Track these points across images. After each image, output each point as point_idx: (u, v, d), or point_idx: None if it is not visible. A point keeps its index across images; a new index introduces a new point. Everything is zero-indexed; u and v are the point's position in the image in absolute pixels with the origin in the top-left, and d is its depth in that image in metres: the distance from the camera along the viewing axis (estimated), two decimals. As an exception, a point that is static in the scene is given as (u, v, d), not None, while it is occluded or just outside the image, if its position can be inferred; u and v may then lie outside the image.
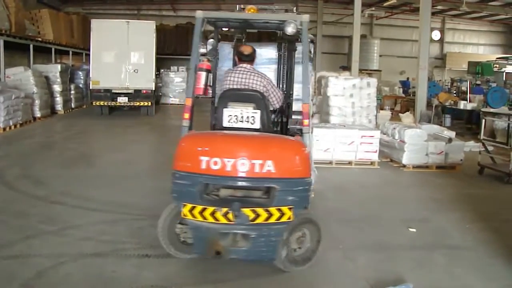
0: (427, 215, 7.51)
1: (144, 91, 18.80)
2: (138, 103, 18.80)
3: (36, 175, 9.10)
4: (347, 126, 11.51)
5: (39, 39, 20.16)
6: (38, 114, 17.02)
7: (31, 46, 19.20)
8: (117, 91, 18.62)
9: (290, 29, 5.46)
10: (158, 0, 32.74)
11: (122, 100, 18.71)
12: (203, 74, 5.71)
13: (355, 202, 8.17)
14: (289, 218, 4.96)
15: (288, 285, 4.97)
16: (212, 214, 4.92)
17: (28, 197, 7.76)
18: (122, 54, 18.62)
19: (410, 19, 33.22)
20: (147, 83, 18.83)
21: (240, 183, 5.00)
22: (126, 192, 8.23)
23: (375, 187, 9.40)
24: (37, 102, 16.93)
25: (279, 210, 4.92)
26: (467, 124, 17.51)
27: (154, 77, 19.28)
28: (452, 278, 5.31)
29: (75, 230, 6.24)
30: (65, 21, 23.32)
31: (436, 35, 36.50)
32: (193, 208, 4.99)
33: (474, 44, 39.08)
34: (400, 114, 18.26)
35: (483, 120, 10.86)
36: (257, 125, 5.56)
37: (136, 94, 18.54)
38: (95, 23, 19.08)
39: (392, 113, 19.33)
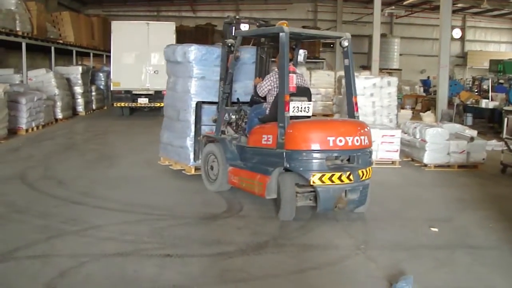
0: (450, 214, 7.45)
1: (165, 92, 18.83)
2: (158, 104, 18.84)
3: (58, 176, 9.17)
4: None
5: (60, 41, 20.35)
6: (59, 115, 17.19)
7: (52, 48, 19.36)
8: (137, 92, 18.71)
9: (346, 43, 7.51)
10: (177, 1, 32.86)
11: (143, 101, 18.79)
12: (293, 76, 7.34)
13: (376, 201, 8.08)
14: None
15: (309, 284, 4.95)
16: (340, 177, 6.56)
17: (50, 197, 7.82)
18: (142, 55, 18.71)
19: (431, 17, 33.05)
20: None
21: (356, 154, 6.77)
22: (147, 193, 8.27)
23: (396, 186, 9.35)
24: (58, 103, 17.09)
25: (369, 169, 6.97)
26: (489, 122, 17.35)
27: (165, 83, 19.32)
28: (475, 277, 5.25)
29: (97, 230, 6.28)
30: (85, 23, 23.51)
31: (457, 33, 36.23)
32: (323, 175, 6.49)
33: (495, 42, 38.73)
34: (421, 113, 18.13)
35: (506, 119, 10.74)
36: (310, 113, 7.48)
37: (156, 95, 18.56)
38: (116, 25, 19.19)
39: (413, 112, 19.20)
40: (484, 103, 17.23)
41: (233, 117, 8.24)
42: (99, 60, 26.21)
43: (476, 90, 23.59)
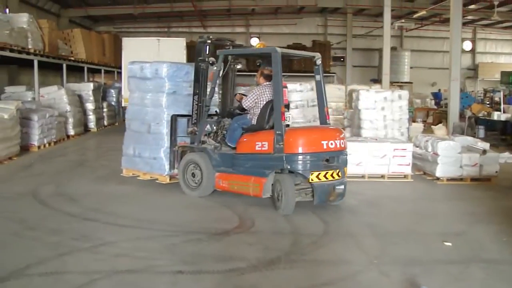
0: (463, 228, 7.38)
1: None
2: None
3: (70, 192, 9.20)
4: (379, 139, 11.41)
5: (72, 58, 20.52)
6: (71, 132, 17.28)
7: (64, 65, 19.53)
8: (148, 108, 18.73)
9: (319, 61, 8.85)
10: (187, 18, 33.04)
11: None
12: (285, 90, 8.58)
13: (388, 216, 8.09)
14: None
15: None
16: (332, 174, 7.85)
17: (62, 214, 7.83)
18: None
19: (441, 30, 33.01)
20: None
21: (339, 155, 8.02)
22: (159, 209, 8.30)
23: (408, 200, 9.30)
24: (70, 120, 17.20)
25: (346, 168, 8.27)
26: (502, 135, 17.21)
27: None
28: (490, 293, 5.19)
29: (109, 247, 6.27)
30: (97, 40, 23.70)
31: (467, 45, 36.19)
32: (319, 174, 7.72)
33: (506, 53, 38.55)
34: (433, 126, 18.09)
35: (518, 131, 10.68)
36: (290, 122, 9.02)
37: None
38: (126, 41, 19.32)
39: (424, 125, 19.14)
40: (496, 115, 17.12)
41: (214, 127, 8.99)
42: (110, 76, 26.36)
43: (487, 102, 23.51)
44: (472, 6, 28.14)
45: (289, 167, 7.75)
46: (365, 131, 12.80)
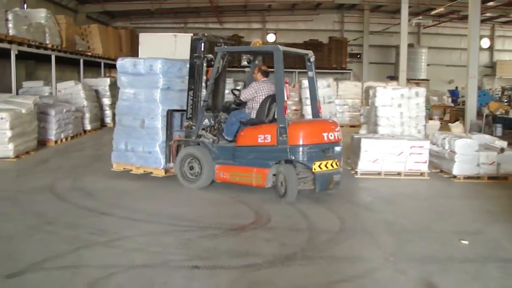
0: (480, 227, 7.33)
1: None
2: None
3: (87, 187, 9.26)
4: (395, 137, 11.37)
5: (89, 53, 20.63)
6: (88, 127, 17.37)
7: (81, 60, 19.66)
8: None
9: (312, 59, 9.15)
10: (204, 13, 33.05)
11: (171, 113, 18.87)
12: (287, 86, 8.95)
13: (405, 213, 8.05)
14: None
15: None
16: (331, 164, 8.38)
17: (79, 208, 7.89)
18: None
19: (459, 27, 32.77)
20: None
21: (336, 146, 8.56)
22: (175, 203, 8.32)
23: (425, 198, 9.26)
24: (87, 115, 17.29)
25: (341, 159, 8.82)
26: (520, 133, 17.11)
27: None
28: (507, 292, 5.16)
29: (125, 241, 6.31)
30: (113, 36, 23.80)
31: (485, 43, 35.90)
32: (321, 163, 8.22)
33: (525, 51, 38.19)
34: (450, 124, 17.99)
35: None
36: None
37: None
38: (143, 37, 19.27)
39: (441, 123, 19.04)
40: (514, 114, 17.01)
41: (212, 122, 9.41)
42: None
43: (505, 100, 23.37)
44: (491, 3, 27.91)
45: (293, 158, 8.23)
46: (381, 128, 12.77)
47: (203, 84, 9.53)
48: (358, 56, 34.11)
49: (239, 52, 10.62)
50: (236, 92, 9.72)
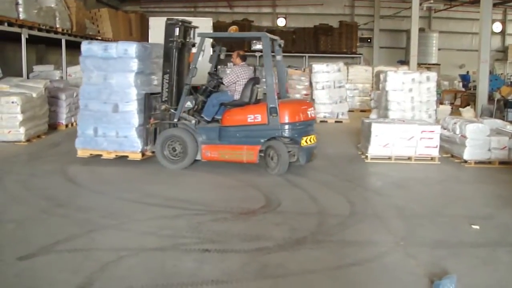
0: (491, 211, 7.31)
1: (199, 87, 18.91)
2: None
3: (96, 170, 9.34)
4: (406, 121, 11.32)
5: (99, 37, 20.59)
6: (98, 111, 17.33)
7: (91, 44, 19.57)
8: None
9: (282, 44, 10.07)
10: (214, -3, 32.97)
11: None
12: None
13: (415, 198, 8.04)
14: None
15: (348, 280, 4.93)
16: (312, 139, 9.33)
17: (90, 192, 7.96)
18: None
19: (470, 11, 32.42)
20: (205, 79, 18.91)
21: (313, 123, 9.69)
22: (185, 187, 8.37)
23: (436, 183, 9.22)
24: (97, 99, 17.26)
25: None
26: (531, 118, 16.97)
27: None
28: (518, 276, 5.15)
29: (136, 225, 6.35)
30: (123, 20, 23.74)
31: (497, 27, 35.54)
32: (307, 139, 9.17)
33: (537, 35, 37.78)
34: (461, 109, 17.88)
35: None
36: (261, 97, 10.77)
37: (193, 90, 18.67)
38: (153, 21, 19.32)
39: (452, 108, 18.93)
40: (526, 98, 16.88)
41: (195, 104, 9.80)
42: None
43: (517, 85, 23.15)
44: (503, -13, 27.64)
45: (285, 134, 9.11)
46: (392, 112, 12.72)
47: (176, 68, 9.83)
48: (369, 40, 33.87)
49: (220, 38, 11.08)
50: (214, 76, 10.29)
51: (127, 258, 5.27)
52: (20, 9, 14.16)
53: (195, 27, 10.30)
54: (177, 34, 9.74)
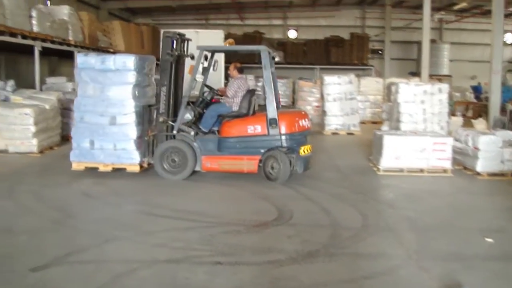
0: (505, 225, 7.26)
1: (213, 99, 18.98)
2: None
3: (108, 182, 9.34)
4: (418, 133, 11.28)
5: (111, 50, 20.68)
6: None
7: (103, 57, 19.68)
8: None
9: (277, 58, 10.30)
10: (225, 10, 33.02)
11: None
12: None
13: (428, 210, 7.99)
14: None
15: (361, 294, 4.91)
16: (308, 149, 9.66)
17: (103, 203, 7.98)
18: (191, 62, 18.85)
19: (482, 22, 32.33)
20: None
21: (308, 134, 10.05)
22: (197, 200, 8.36)
23: (448, 195, 9.17)
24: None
25: None
26: (544, 130, 16.84)
27: (222, 85, 19.46)
28: (533, 290, 5.10)
29: (148, 237, 6.36)
30: (135, 32, 23.87)
31: (509, 38, 35.44)
32: (304, 148, 9.50)
33: (550, 47, 37.60)
34: (473, 120, 17.80)
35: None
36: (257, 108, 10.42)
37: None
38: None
39: (464, 119, 18.85)
40: (538, 110, 16.78)
41: (194, 116, 9.81)
42: (148, 68, 26.51)
43: (530, 97, 23.00)
44: (515, -2, 27.55)
45: (284, 144, 9.33)
46: (404, 124, 12.67)
47: (173, 80, 9.99)
48: (380, 52, 33.87)
49: (219, 51, 11.64)
50: (211, 89, 10.42)
51: (139, 270, 5.26)
52: (34, 22, 14.32)
53: (188, 40, 10.49)
54: (174, 46, 9.92)
